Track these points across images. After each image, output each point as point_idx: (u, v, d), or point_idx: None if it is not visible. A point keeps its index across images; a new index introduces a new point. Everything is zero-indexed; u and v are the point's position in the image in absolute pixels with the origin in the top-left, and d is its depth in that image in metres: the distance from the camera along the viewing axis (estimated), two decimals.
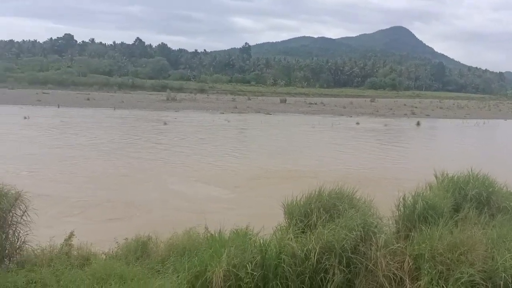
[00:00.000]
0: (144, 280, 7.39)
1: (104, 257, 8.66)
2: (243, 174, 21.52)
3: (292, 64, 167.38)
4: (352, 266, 6.88)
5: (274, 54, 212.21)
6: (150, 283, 7.26)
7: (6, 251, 8.23)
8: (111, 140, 32.28)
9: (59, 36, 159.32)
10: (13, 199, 8.17)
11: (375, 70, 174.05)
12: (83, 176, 19.72)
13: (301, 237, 7.24)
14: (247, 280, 6.64)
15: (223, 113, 60.38)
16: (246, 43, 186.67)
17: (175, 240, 8.72)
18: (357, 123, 51.37)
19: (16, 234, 8.45)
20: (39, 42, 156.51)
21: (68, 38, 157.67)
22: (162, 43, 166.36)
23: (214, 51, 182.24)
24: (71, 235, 9.04)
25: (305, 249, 6.88)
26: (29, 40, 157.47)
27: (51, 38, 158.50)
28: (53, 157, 24.27)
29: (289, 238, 7.15)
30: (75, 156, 24.73)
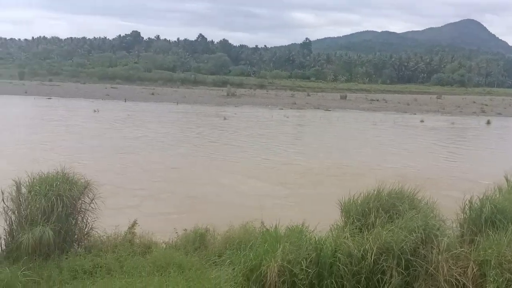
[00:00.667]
0: (201, 271, 7.61)
1: (164, 246, 9.02)
2: (298, 170, 21.42)
3: (353, 60, 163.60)
4: (411, 269, 6.64)
5: (335, 49, 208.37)
6: (207, 273, 7.46)
7: (75, 236, 8.84)
8: (171, 134, 33.45)
9: (127, 33, 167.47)
10: (83, 188, 8.74)
11: (442, 66, 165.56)
12: (141, 169, 20.61)
13: (358, 236, 7.09)
14: (301, 277, 6.62)
15: (281, 109, 60.39)
16: (306, 38, 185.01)
17: (231, 234, 8.89)
18: (421, 121, 49.18)
19: (85, 221, 9.04)
20: (108, 39, 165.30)
21: (135, 35, 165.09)
22: (223, 39, 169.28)
23: (275, 46, 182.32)
24: (134, 223, 9.50)
25: (362, 249, 6.73)
26: (99, 37, 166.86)
27: (120, 35, 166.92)
28: (114, 149, 25.56)
29: (345, 236, 7.03)
30: (135, 149, 25.90)
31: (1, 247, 8.29)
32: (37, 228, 7.77)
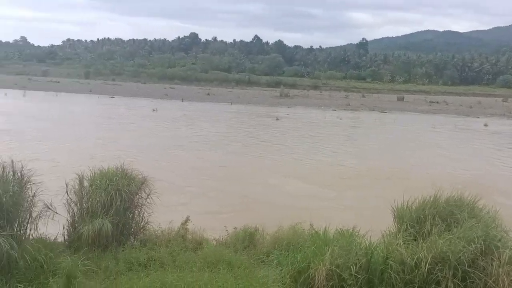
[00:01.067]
0: (250, 269, 7.69)
1: (214, 243, 9.22)
2: (349, 173, 21.04)
3: (412, 60, 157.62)
4: (468, 281, 6.31)
5: (393, 49, 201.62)
6: (255, 272, 7.53)
7: (132, 229, 9.25)
8: (223, 133, 33.99)
9: (186, 35, 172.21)
10: (140, 183, 9.13)
11: (509, 67, 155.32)
12: (192, 167, 21.13)
13: (411, 244, 6.84)
14: (350, 282, 6.50)
15: (335, 110, 59.49)
16: (363, 39, 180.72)
17: (280, 234, 8.91)
18: (485, 125, 46.43)
19: (141, 215, 9.44)
20: (168, 40, 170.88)
21: (193, 37, 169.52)
22: (278, 40, 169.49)
23: (330, 47, 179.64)
24: (187, 220, 9.78)
25: (415, 257, 6.49)
26: (160, 39, 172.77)
27: (179, 37, 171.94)
28: (168, 147, 26.37)
29: (398, 243, 6.81)
30: (187, 147, 26.62)
31: (64, 237, 8.84)
32: (97, 220, 8.22)
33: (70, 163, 18.51)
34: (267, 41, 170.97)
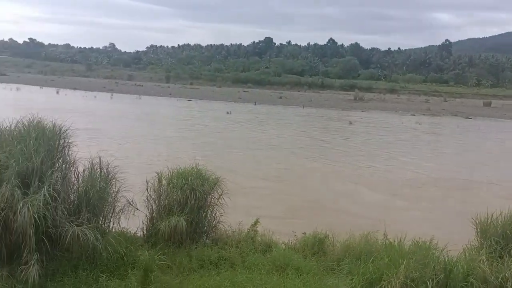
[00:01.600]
0: (319, 276, 7.59)
1: (283, 247, 9.23)
2: (424, 182, 20.01)
3: (501, 63, 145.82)
4: None
5: (480, 51, 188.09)
6: (324, 280, 7.42)
7: (204, 228, 9.57)
8: (292, 137, 33.91)
9: (260, 40, 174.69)
10: (213, 184, 9.42)
11: None
12: (260, 169, 21.33)
13: (496, 261, 6.33)
14: None
15: (413, 115, 56.79)
16: (446, 40, 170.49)
17: (351, 242, 8.69)
18: None
19: (213, 215, 9.73)
20: (243, 45, 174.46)
21: (268, 41, 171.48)
22: (354, 42, 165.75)
23: (409, 49, 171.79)
24: (257, 222, 9.90)
25: (500, 275, 6.00)
26: (235, 43, 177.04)
27: (254, 41, 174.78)
28: (238, 148, 26.90)
29: (480, 260, 6.34)
30: (256, 149, 26.93)
31: (143, 232, 9.36)
32: (173, 217, 8.61)
33: (148, 161, 19.63)
34: (342, 44, 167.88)
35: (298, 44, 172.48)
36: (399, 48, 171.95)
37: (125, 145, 25.47)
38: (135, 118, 40.09)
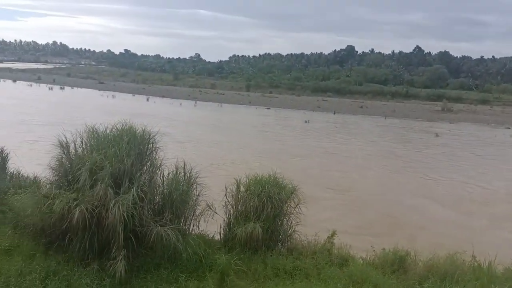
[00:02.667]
0: None
1: (361, 261, 8.93)
2: None
3: None
4: None
5: None
6: None
7: (280, 236, 9.59)
8: (372, 147, 32.78)
9: (342, 48, 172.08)
10: (290, 192, 9.42)
11: None
12: (336, 181, 20.86)
13: None
14: None
15: (508, 128, 52.09)
16: None
17: (435, 262, 8.17)
18: None
19: (289, 223, 9.72)
20: (324, 54, 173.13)
21: (350, 49, 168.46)
22: (443, 50, 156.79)
23: (505, 57, 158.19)
24: (333, 234, 9.69)
25: None
26: (316, 52, 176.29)
27: (335, 50, 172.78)
28: (313, 158, 26.51)
29: None
30: (334, 159, 26.40)
31: (220, 236, 9.62)
32: (249, 223, 8.75)
33: (224, 166, 20.16)
34: (429, 52, 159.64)
35: (382, 52, 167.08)
36: (493, 57, 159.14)
37: (201, 149, 26.47)
38: (213, 125, 41.54)
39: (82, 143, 9.18)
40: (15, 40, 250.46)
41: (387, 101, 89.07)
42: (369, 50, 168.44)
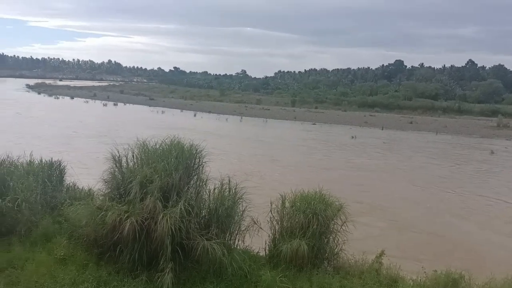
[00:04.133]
0: None
1: (411, 283, 8.58)
2: None
3: None
4: None
5: None
6: None
7: (326, 254, 9.41)
8: (422, 164, 31.60)
9: (390, 63, 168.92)
10: (336, 210, 9.27)
11: None
12: (384, 199, 20.22)
13: None
14: None
15: None
16: None
17: (492, 286, 7.72)
18: None
19: (335, 241, 9.54)
20: (371, 69, 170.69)
21: (398, 64, 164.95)
22: (498, 64, 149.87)
23: None
24: (382, 253, 9.40)
25: None
26: (363, 67, 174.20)
27: (383, 64, 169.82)
28: (368, 175, 25.87)
29: None
30: (385, 178, 25.59)
31: (265, 252, 9.59)
32: (294, 240, 8.67)
33: (270, 182, 20.14)
34: (483, 66, 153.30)
35: (432, 66, 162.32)
36: None
37: (244, 165, 26.64)
38: (257, 140, 41.74)
39: (133, 157, 9.53)
40: (74, 59, 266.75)
41: (438, 116, 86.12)
42: (419, 65, 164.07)
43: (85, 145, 31.35)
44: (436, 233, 15.45)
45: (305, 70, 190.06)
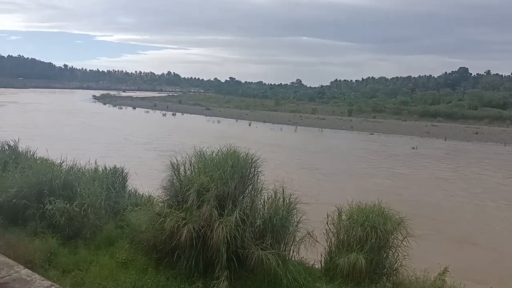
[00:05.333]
0: None
1: None
2: None
3: None
4: None
5: None
6: None
7: (385, 269, 9.04)
8: (490, 177, 29.65)
9: (454, 70, 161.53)
10: (396, 224, 8.89)
11: None
12: (446, 213, 19.13)
13: None
14: None
15: None
16: None
17: None
18: None
19: (395, 256, 9.14)
20: (433, 77, 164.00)
21: (462, 71, 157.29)
22: None
23: None
24: (445, 270, 8.89)
25: None
26: (424, 75, 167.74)
27: (445, 72, 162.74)
28: (431, 190, 24.65)
29: None
30: (446, 191, 24.22)
31: (321, 264, 9.39)
32: (352, 254, 8.42)
33: (322, 193, 19.80)
34: None
35: (499, 73, 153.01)
36: None
37: (298, 175, 26.40)
38: (312, 150, 41.28)
39: (190, 165, 9.76)
40: (136, 71, 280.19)
41: (507, 126, 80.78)
42: (485, 72, 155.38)
43: (143, 152, 32.64)
44: (503, 251, 14.40)
45: (362, 78, 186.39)
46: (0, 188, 10.31)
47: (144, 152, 32.59)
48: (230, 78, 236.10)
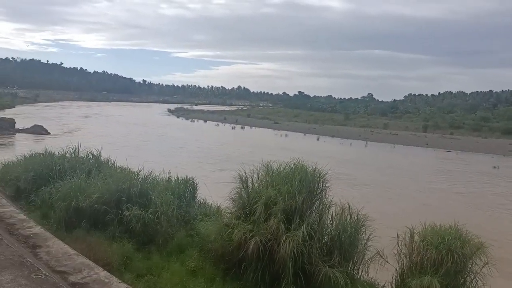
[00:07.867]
0: None
1: None
2: None
3: None
4: None
5: None
6: None
7: None
8: None
9: None
10: (475, 248, 8.29)
11: None
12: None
13: None
14: None
15: None
16: None
17: None
18: None
19: (473, 283, 8.50)
20: None
21: None
22: None
23: None
24: None
25: None
26: (507, 90, 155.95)
27: None
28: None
29: None
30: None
31: (392, 286, 8.98)
32: (425, 277, 7.97)
33: (394, 212, 18.95)
34: None
35: None
36: None
37: (364, 193, 25.51)
38: (383, 167, 39.78)
39: (258, 178, 9.89)
40: (208, 86, 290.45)
41: None
42: None
43: (214, 164, 33.53)
44: None
45: (439, 93, 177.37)
46: (84, 194, 11.11)
47: (208, 165, 33.48)
48: (298, 92, 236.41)
